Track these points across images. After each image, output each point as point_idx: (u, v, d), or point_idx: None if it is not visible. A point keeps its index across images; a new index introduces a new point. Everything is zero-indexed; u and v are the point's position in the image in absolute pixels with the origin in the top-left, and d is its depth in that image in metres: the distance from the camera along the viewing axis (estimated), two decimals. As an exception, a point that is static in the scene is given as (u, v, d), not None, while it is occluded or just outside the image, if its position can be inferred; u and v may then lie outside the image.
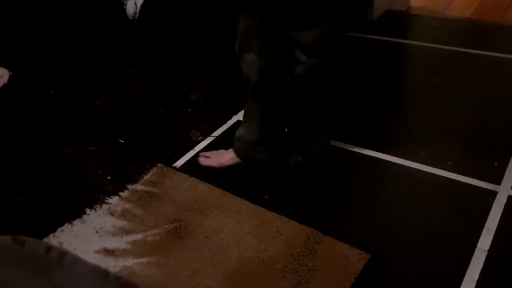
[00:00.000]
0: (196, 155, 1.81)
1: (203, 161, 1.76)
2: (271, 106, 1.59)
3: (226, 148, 1.76)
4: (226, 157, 1.73)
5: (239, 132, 1.70)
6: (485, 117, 1.97)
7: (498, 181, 1.60)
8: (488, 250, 1.36)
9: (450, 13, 3.07)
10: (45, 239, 1.47)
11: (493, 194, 1.55)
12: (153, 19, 2.36)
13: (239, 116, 2.07)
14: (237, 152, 1.70)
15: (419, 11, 3.12)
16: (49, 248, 1.18)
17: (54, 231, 1.51)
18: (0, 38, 2.12)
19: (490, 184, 1.59)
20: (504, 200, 1.52)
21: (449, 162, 1.70)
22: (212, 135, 1.98)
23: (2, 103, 2.07)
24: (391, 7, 3.09)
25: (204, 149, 1.88)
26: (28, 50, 2.24)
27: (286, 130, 1.76)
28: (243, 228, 1.48)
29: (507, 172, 1.64)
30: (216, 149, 1.81)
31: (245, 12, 1.41)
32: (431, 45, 2.64)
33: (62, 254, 1.09)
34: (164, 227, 1.51)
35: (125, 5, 1.56)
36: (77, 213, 1.58)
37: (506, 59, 2.40)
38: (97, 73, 2.45)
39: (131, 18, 1.57)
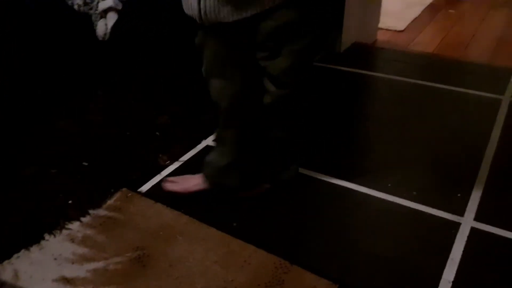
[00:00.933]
0: (163, 180, 1.77)
1: (168, 186, 1.72)
2: (244, 131, 1.58)
3: (194, 174, 1.73)
4: (192, 183, 1.70)
5: (209, 157, 1.68)
6: (448, 149, 2.03)
7: (461, 213, 1.63)
8: (453, 282, 1.37)
9: (415, 48, 3.19)
10: (-1, 267, 1.39)
11: (457, 225, 1.58)
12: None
13: (209, 141, 2.05)
14: (206, 178, 1.67)
15: (385, 45, 3.23)
16: (2, 284, 1.11)
17: (9, 257, 1.43)
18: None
19: (454, 216, 1.62)
20: (467, 232, 1.55)
21: (414, 193, 1.73)
22: (180, 159, 1.94)
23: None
24: (359, 40, 3.19)
25: (172, 174, 1.84)
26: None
27: (255, 157, 1.75)
28: (209, 257, 1.44)
29: (469, 203, 1.68)
30: (184, 174, 1.78)
31: (212, 37, 1.40)
32: (396, 77, 2.72)
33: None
34: (127, 255, 1.46)
35: (95, 26, 1.54)
36: (34, 239, 1.50)
37: (466, 93, 2.50)
38: (63, 92, 2.38)
39: (100, 39, 1.54)
